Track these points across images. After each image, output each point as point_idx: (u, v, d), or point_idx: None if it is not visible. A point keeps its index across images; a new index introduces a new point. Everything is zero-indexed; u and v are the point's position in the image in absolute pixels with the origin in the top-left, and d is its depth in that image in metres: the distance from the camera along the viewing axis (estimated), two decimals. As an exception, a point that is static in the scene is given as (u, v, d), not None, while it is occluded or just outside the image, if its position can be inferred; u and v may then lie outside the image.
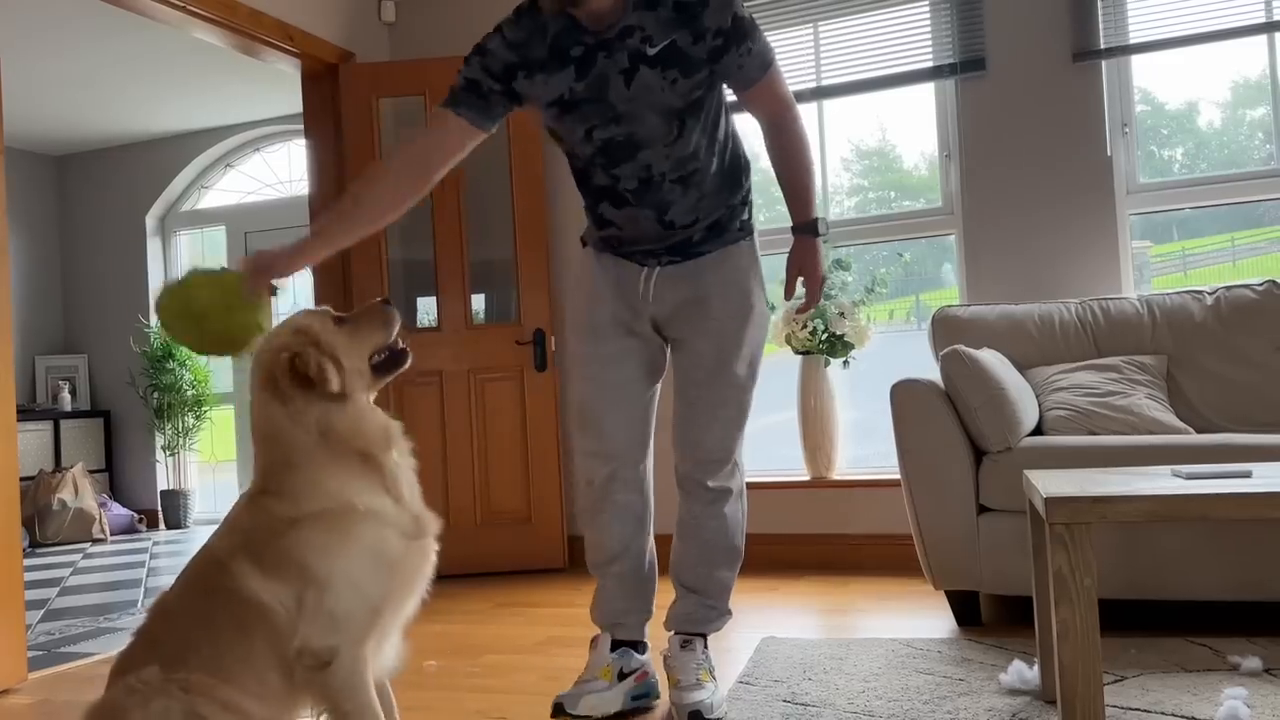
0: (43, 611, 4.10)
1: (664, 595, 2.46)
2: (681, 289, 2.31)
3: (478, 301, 4.59)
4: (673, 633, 2.41)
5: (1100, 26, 3.74)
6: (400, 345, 1.87)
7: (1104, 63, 3.78)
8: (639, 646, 2.42)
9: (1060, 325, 3.45)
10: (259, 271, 2.00)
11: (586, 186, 2.31)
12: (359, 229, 2.15)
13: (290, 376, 1.73)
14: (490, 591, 3.92)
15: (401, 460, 1.82)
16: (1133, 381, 3.18)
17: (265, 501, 1.73)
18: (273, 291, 2.03)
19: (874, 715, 2.22)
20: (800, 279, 2.30)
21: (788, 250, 2.30)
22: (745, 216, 2.36)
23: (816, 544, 3.93)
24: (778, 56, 2.23)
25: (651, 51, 2.09)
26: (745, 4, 2.15)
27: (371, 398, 1.85)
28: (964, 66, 3.92)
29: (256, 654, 1.70)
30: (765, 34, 2.20)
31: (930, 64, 3.99)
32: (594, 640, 2.42)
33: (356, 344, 1.81)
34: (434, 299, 4.43)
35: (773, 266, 2.79)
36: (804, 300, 2.32)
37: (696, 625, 2.39)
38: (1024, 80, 3.86)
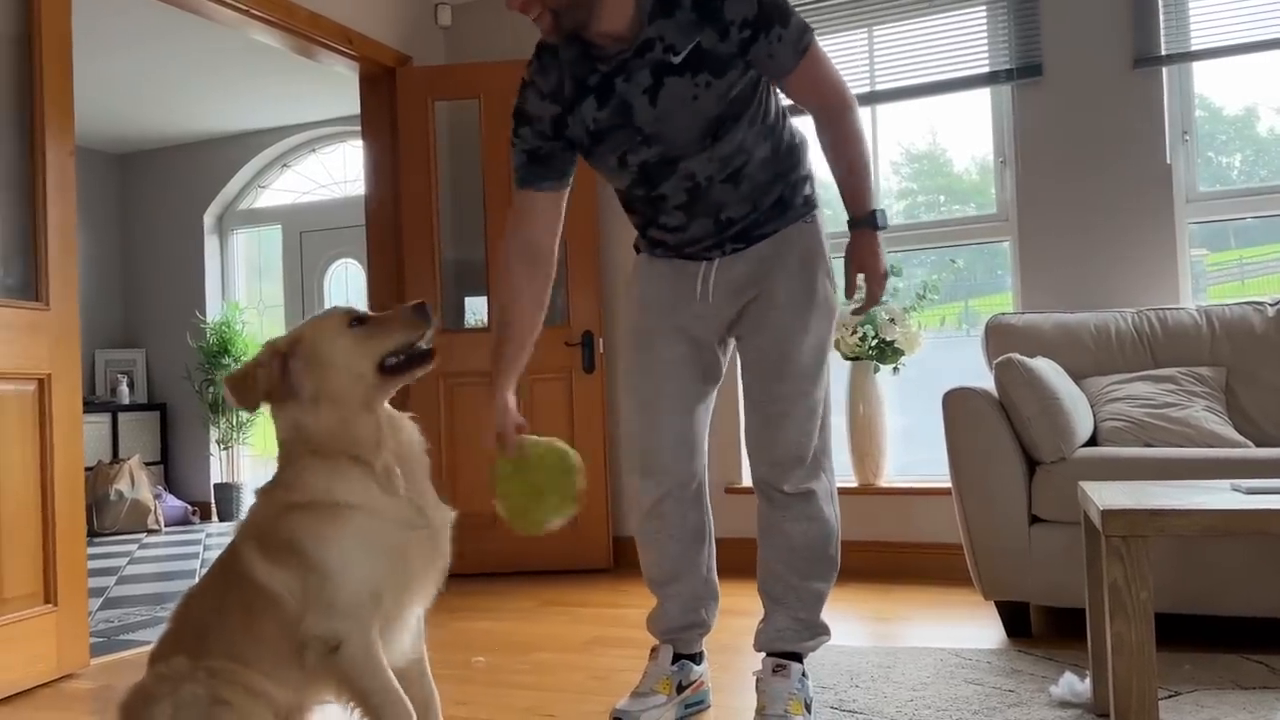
0: (102, 599, 4.20)
1: (735, 600, 2.47)
2: (741, 280, 2.21)
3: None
4: (764, 654, 2.26)
5: (1161, 32, 3.69)
6: (423, 348, 1.85)
7: (1164, 69, 3.73)
8: (696, 658, 2.40)
9: (1116, 335, 3.41)
10: (510, 433, 2.15)
11: (635, 213, 2.26)
12: (525, 342, 2.21)
13: (251, 385, 1.79)
14: (537, 590, 3.95)
15: (401, 459, 1.83)
16: (1190, 393, 3.13)
17: (270, 489, 1.82)
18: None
19: (922, 724, 2.21)
20: (860, 275, 2.17)
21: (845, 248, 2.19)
22: (808, 191, 2.24)
23: (864, 551, 3.91)
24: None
25: (676, 60, 2.00)
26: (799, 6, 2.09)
27: (379, 399, 1.84)
28: (1020, 72, 3.88)
29: (269, 638, 1.76)
30: (800, 15, 2.05)
31: (986, 69, 3.96)
32: (654, 650, 2.38)
33: (364, 347, 1.81)
34: (484, 299, 4.48)
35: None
36: (864, 300, 2.20)
37: (788, 644, 2.23)
38: (1082, 86, 3.82)
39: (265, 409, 1.84)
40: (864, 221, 2.15)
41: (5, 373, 2.79)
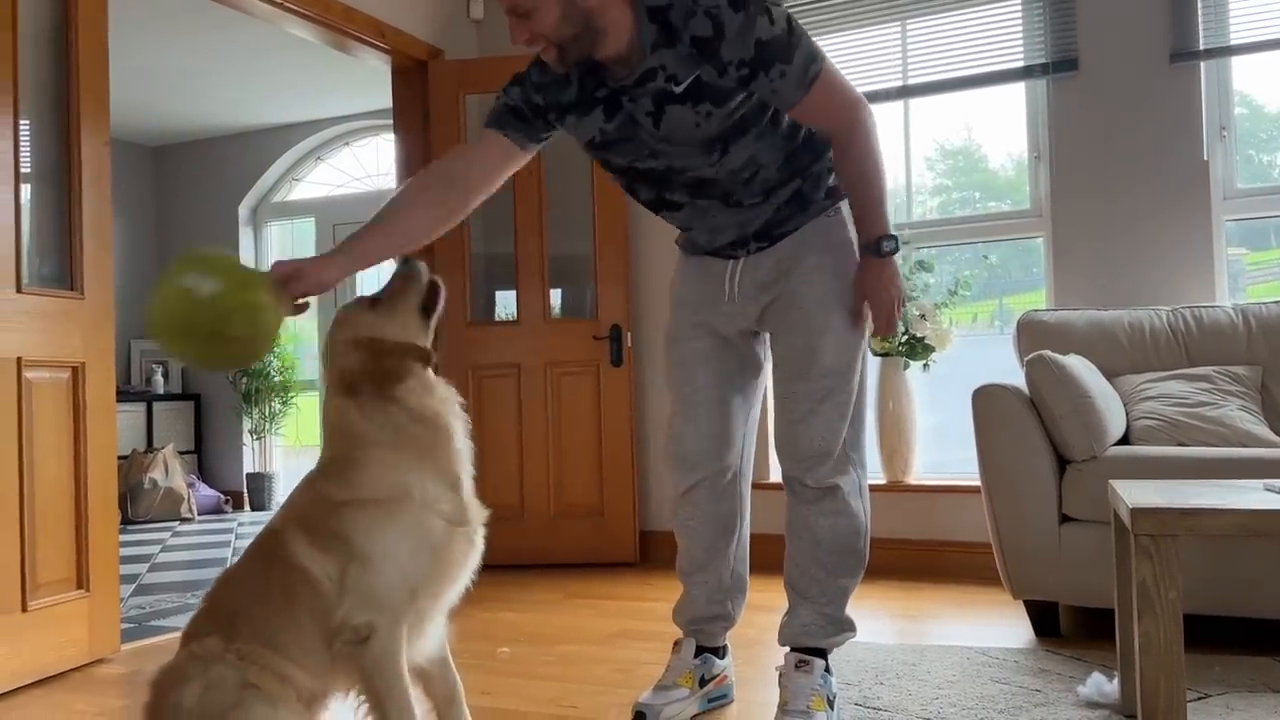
0: (134, 586, 4.26)
1: (762, 595, 2.47)
2: (766, 279, 2.20)
3: (556, 296, 4.63)
4: (788, 649, 2.25)
5: (1200, 27, 3.63)
6: (429, 279, 1.90)
7: (1202, 64, 3.67)
8: (720, 652, 2.40)
9: (1151, 333, 3.37)
10: (286, 280, 1.83)
11: (642, 203, 2.26)
12: (394, 246, 2.03)
13: (367, 377, 1.80)
14: (562, 582, 3.96)
15: (461, 441, 1.88)
16: (1225, 392, 3.08)
17: (323, 485, 1.82)
18: (302, 309, 1.91)
19: (947, 722, 2.19)
20: (867, 304, 2.15)
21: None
22: (831, 183, 2.20)
23: (891, 548, 3.89)
24: (860, 56, 2.11)
25: (678, 90, 1.98)
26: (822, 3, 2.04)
27: (432, 362, 1.88)
28: (1056, 66, 3.84)
29: (303, 624, 1.78)
30: (810, 42, 1.97)
31: (1021, 64, 3.92)
32: (677, 644, 2.39)
33: (401, 312, 1.87)
34: (513, 293, 4.49)
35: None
36: (873, 329, 2.17)
37: (812, 640, 2.21)
38: (1118, 81, 3.77)
39: (336, 404, 1.83)
40: (869, 248, 2.12)
41: (40, 360, 2.83)
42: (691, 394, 2.31)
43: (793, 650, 2.23)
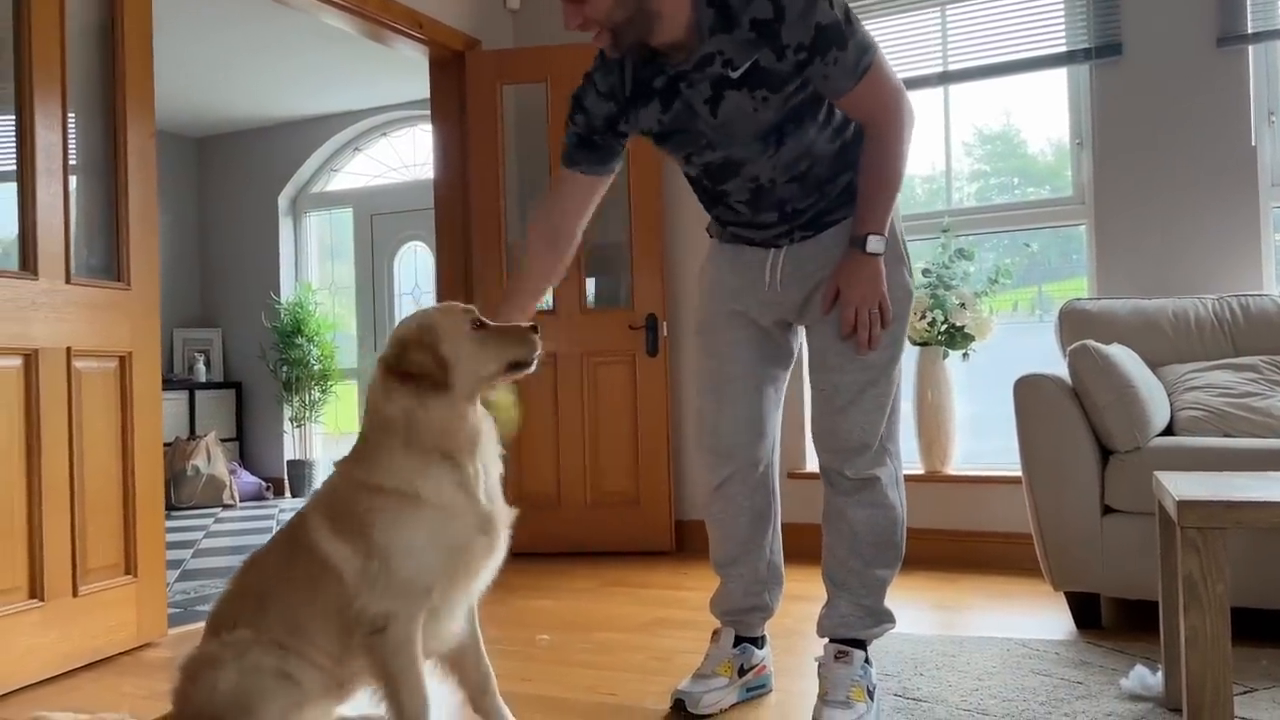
0: (179, 571, 4.33)
1: (800, 585, 2.46)
2: (809, 268, 2.18)
3: (591, 285, 4.64)
4: (827, 640, 2.25)
5: (1248, 9, 3.56)
6: (530, 366, 1.94)
7: (1250, 48, 3.60)
8: (759, 642, 2.40)
9: (1196, 322, 3.32)
10: None
11: (700, 194, 2.27)
12: (538, 292, 2.26)
13: (394, 364, 1.84)
14: (599, 570, 3.98)
15: (485, 465, 1.89)
16: (1273, 382, 3.03)
17: (350, 469, 1.88)
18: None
19: (988, 714, 2.18)
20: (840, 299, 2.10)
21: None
22: None
23: (929, 539, 3.87)
24: (900, 42, 2.10)
25: (735, 75, 1.98)
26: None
27: (478, 398, 1.91)
28: (1099, 51, 3.78)
29: (328, 611, 1.83)
30: (864, 33, 1.98)
31: (1063, 48, 3.86)
32: (715, 633, 2.39)
33: (484, 353, 1.88)
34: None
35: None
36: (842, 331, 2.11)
37: (851, 631, 2.21)
38: (1163, 66, 3.71)
39: (373, 384, 1.88)
40: (855, 241, 2.08)
41: (89, 350, 2.88)
42: (727, 384, 2.30)
43: (832, 641, 2.23)
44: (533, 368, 1.94)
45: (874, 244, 2.06)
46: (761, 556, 2.37)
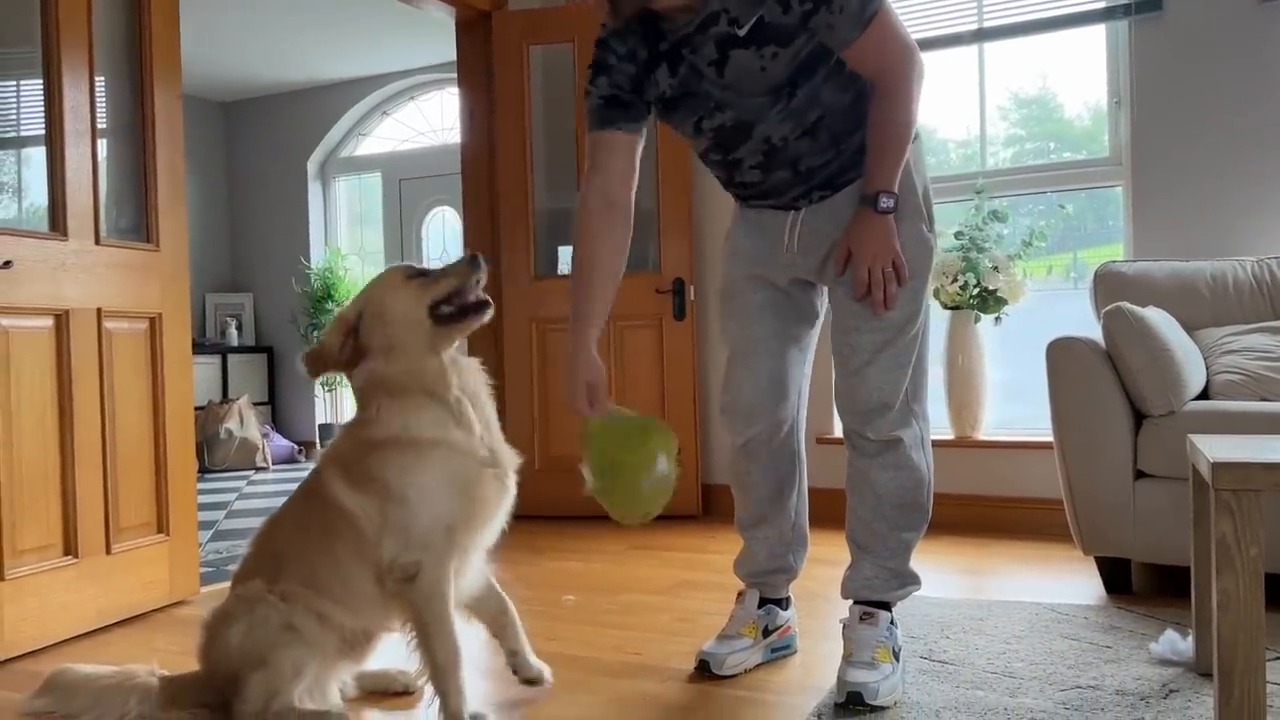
0: (212, 532, 4.39)
1: (823, 549, 2.45)
2: (827, 228, 2.14)
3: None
4: (852, 602, 2.22)
5: (1295, -38, 3.46)
6: (472, 298, 1.99)
7: (1297, 2, 3.50)
8: (783, 603, 2.39)
9: (1234, 285, 3.25)
10: (593, 396, 2.12)
11: (715, 169, 2.23)
12: (607, 292, 2.16)
13: (327, 356, 1.98)
14: (625, 534, 3.98)
15: (469, 397, 1.99)
16: (1313, 346, 2.97)
17: (354, 430, 1.99)
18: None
19: (1014, 676, 2.17)
20: (850, 260, 2.06)
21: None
22: None
23: (958, 504, 3.84)
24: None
25: (741, 32, 1.94)
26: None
27: (441, 345, 1.98)
28: (1139, 7, 3.69)
29: (343, 562, 1.90)
30: None
31: (1102, 4, 3.77)
32: (740, 594, 2.39)
33: (418, 295, 1.97)
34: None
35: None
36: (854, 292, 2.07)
37: (875, 593, 2.18)
38: (1205, 22, 3.61)
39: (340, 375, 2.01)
40: (865, 199, 2.04)
41: (120, 311, 2.90)
42: (748, 346, 2.29)
43: (856, 603, 2.21)
44: (482, 311, 1.99)
45: (885, 202, 2.02)
46: (786, 518, 2.36)
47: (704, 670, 2.26)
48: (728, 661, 2.25)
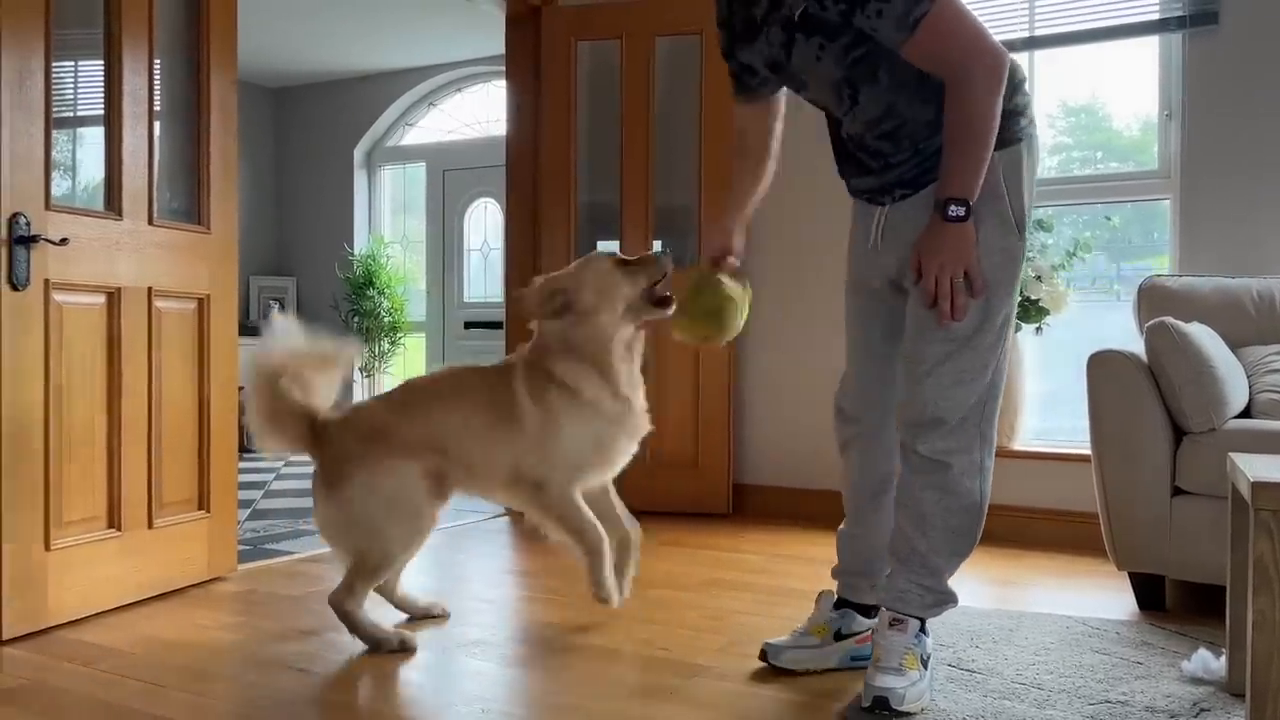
0: (250, 511, 4.46)
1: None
2: (906, 228, 2.06)
3: (658, 247, 4.61)
4: (883, 608, 2.14)
5: (1358, -23, 3.40)
6: (660, 294, 2.49)
7: (1358, 18, 3.44)
8: (869, 611, 2.29)
9: (1281, 303, 3.21)
10: (716, 258, 2.32)
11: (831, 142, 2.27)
12: (748, 195, 2.37)
13: (541, 303, 2.50)
14: (657, 529, 3.98)
15: (631, 370, 2.51)
16: (1361, 368, 2.92)
17: (537, 356, 2.51)
18: (735, 269, 2.33)
19: (1043, 689, 2.16)
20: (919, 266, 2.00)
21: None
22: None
23: (991, 514, 3.72)
24: (985, 3, 2.04)
25: (796, 17, 1.97)
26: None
27: (630, 324, 2.49)
28: (1194, 19, 3.64)
29: (497, 446, 2.46)
30: None
31: (1156, 15, 3.73)
32: (820, 595, 2.36)
33: (629, 281, 2.49)
34: (616, 243, 4.50)
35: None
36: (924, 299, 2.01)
37: (906, 607, 2.09)
38: (1262, 35, 3.56)
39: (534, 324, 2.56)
40: (936, 205, 1.96)
41: (170, 290, 2.96)
42: (851, 347, 2.31)
43: (888, 609, 2.16)
44: (666, 306, 2.48)
45: (954, 210, 1.93)
46: (875, 522, 2.29)
47: (761, 658, 2.28)
48: (784, 655, 2.25)
